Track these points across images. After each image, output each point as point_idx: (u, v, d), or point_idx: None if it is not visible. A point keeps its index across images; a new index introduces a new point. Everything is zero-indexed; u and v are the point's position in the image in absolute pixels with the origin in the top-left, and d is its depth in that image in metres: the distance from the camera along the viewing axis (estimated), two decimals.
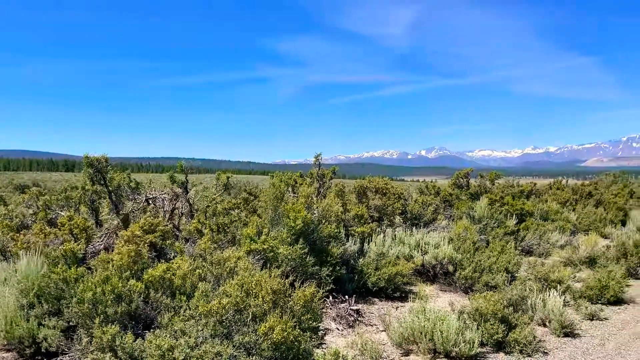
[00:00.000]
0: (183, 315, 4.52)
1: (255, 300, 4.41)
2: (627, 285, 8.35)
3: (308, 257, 6.42)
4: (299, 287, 4.75)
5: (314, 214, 7.39)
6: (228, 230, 7.16)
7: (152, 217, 6.72)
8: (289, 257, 6.22)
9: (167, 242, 6.32)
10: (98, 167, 7.11)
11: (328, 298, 6.52)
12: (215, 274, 5.24)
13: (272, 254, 6.11)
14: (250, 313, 4.36)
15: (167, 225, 6.69)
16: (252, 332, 4.20)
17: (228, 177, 8.34)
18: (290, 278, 4.96)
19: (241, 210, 9.13)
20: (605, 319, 6.68)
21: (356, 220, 9.17)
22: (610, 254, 10.26)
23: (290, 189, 9.88)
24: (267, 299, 4.37)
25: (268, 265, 5.96)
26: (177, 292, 4.94)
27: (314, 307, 4.44)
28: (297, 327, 4.24)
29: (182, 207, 8.01)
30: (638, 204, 23.44)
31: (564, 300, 6.82)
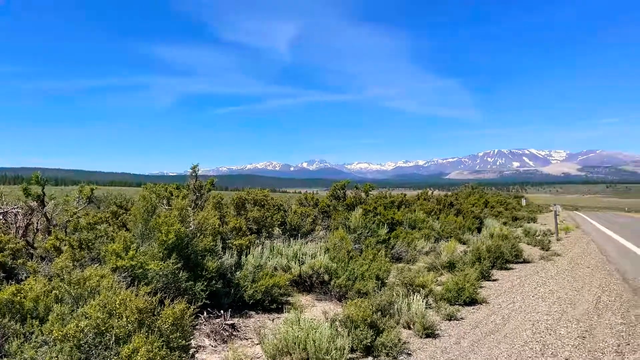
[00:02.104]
0: (35, 341, 4.08)
1: (119, 321, 4.13)
2: (481, 287, 9.31)
3: (181, 272, 6.18)
4: (169, 304, 4.54)
5: (190, 227, 7.16)
6: (92, 246, 6.64)
7: (0, 234, 6.00)
8: (161, 273, 5.94)
9: (19, 261, 5.69)
10: None
11: (202, 314, 6.33)
12: (74, 294, 4.81)
13: (141, 270, 5.78)
14: (113, 335, 4.07)
15: (19, 242, 6.02)
16: (114, 355, 3.92)
17: (92, 189, 7.74)
18: (159, 295, 4.73)
19: (109, 225, 8.53)
20: (462, 318, 7.32)
21: (234, 232, 9.07)
22: (467, 258, 11.35)
23: (165, 201, 9.46)
24: (132, 318, 4.12)
25: (136, 283, 5.63)
26: (29, 316, 4.46)
27: (184, 324, 4.28)
28: (165, 346, 4.05)
29: (38, 223, 7.25)
30: (491, 213, 26.30)
31: (427, 303, 7.38)
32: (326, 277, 8.46)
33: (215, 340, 5.80)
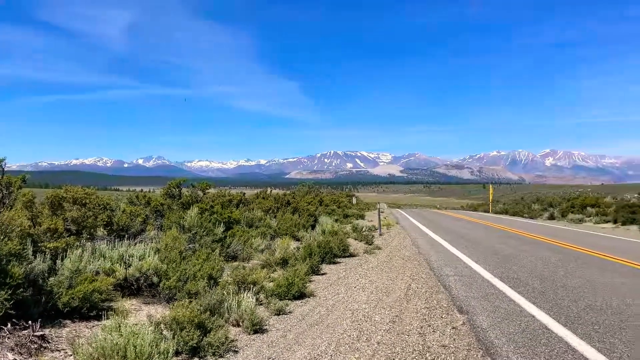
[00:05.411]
0: None
1: None
2: (310, 281, 9.84)
3: None
4: None
5: None
6: None
7: None
8: None
9: None
10: None
11: (6, 326, 5.61)
12: None
13: None
14: None
15: None
16: None
17: None
18: None
19: None
20: (290, 312, 7.66)
21: (49, 234, 8.19)
22: (299, 254, 11.88)
23: None
24: None
25: None
26: None
27: None
28: None
29: None
30: (325, 211, 27.86)
31: (258, 299, 7.57)
32: (155, 280, 8.13)
33: (21, 354, 5.19)
